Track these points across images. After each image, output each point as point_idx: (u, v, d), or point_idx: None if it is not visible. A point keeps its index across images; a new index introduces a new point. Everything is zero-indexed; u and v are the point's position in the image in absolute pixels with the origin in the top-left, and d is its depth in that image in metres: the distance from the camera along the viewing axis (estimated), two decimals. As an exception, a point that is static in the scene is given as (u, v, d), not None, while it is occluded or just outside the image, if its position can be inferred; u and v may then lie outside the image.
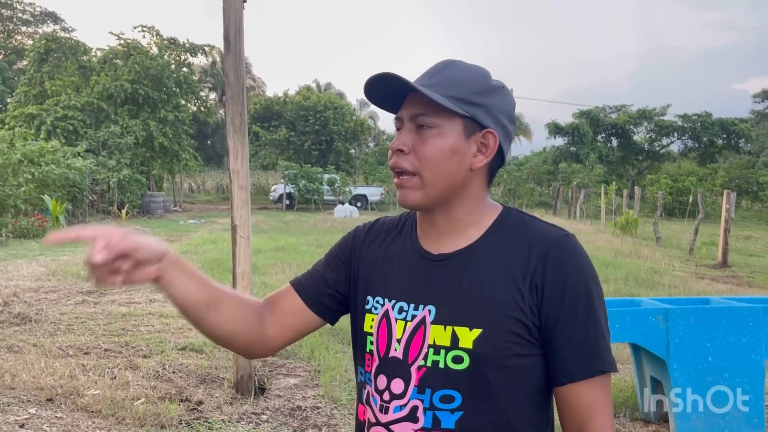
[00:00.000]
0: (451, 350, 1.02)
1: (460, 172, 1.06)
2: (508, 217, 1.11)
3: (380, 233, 1.21)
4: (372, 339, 1.11)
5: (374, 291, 1.14)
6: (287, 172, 28.12)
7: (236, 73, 4.38)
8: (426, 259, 1.10)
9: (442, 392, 1.02)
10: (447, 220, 1.10)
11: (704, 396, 3.57)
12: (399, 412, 1.05)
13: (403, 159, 1.06)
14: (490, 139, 1.07)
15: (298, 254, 11.34)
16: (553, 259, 1.02)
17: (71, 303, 7.07)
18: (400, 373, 1.06)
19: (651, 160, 37.01)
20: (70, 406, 3.95)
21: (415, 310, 1.07)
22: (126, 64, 24.37)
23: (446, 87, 1.04)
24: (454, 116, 1.04)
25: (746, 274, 11.12)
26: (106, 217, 20.09)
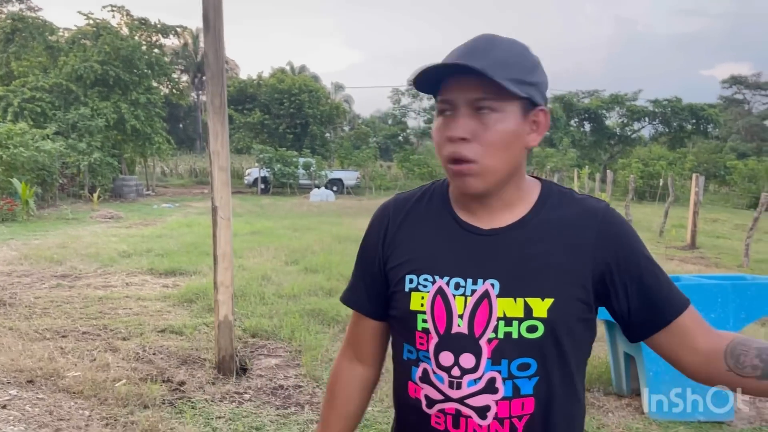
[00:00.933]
0: (525, 320, 1.05)
1: (519, 153, 1.08)
2: (551, 190, 1.15)
3: (407, 211, 1.20)
4: (425, 317, 1.10)
5: (417, 270, 1.13)
6: (262, 155, 27.90)
7: (216, 53, 4.35)
8: (476, 234, 1.11)
9: (519, 361, 1.06)
10: (499, 197, 1.11)
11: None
12: (474, 385, 1.07)
13: (465, 147, 1.04)
14: (541, 117, 1.09)
15: (275, 237, 11.33)
16: (609, 228, 1.10)
17: (45, 287, 6.99)
18: (469, 347, 1.07)
19: (623, 145, 37.57)
20: (51, 388, 3.94)
21: (474, 285, 1.08)
22: (95, 44, 23.82)
23: (503, 68, 1.01)
24: (514, 98, 1.03)
25: (714, 255, 11.43)
26: (77, 201, 19.74)
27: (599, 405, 3.97)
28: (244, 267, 8.17)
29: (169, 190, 30.12)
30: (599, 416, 3.79)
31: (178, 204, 20.95)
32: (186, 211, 17.98)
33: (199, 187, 32.50)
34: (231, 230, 4.48)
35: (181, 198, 24.31)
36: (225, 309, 4.42)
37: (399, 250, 1.17)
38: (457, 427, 1.09)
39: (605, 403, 4.00)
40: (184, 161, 41.83)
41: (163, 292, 6.88)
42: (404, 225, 1.18)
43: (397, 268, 1.16)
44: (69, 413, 3.58)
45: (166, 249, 9.69)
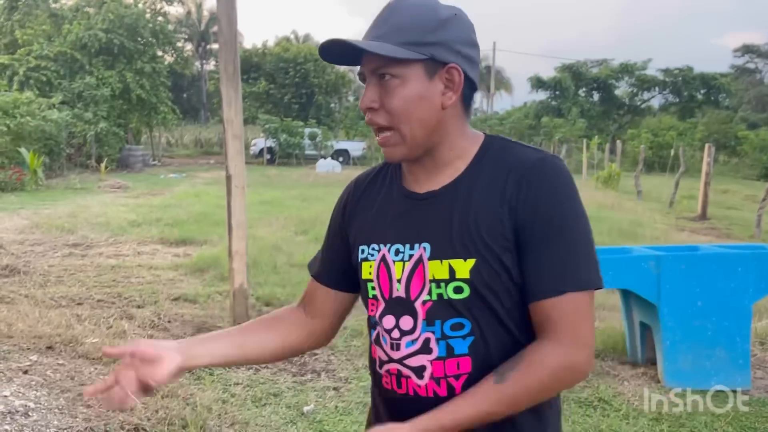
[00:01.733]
0: (451, 282, 1.05)
1: (433, 114, 1.06)
2: (492, 145, 1.12)
3: (363, 188, 1.24)
4: (373, 284, 1.15)
5: (367, 240, 1.17)
6: (268, 125, 27.74)
7: (228, 19, 4.28)
8: (414, 200, 1.13)
9: (451, 321, 1.06)
10: (431, 159, 1.11)
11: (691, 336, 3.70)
12: (411, 346, 1.09)
13: (376, 115, 1.07)
14: (454, 74, 1.06)
15: (284, 207, 11.33)
16: (527, 180, 1.03)
17: (58, 255, 7.03)
18: (407, 310, 1.10)
19: (632, 115, 37.18)
20: (70, 353, 3.97)
21: (411, 250, 1.10)
22: (99, 12, 23.55)
23: (396, 33, 1.03)
24: (413, 62, 1.03)
25: (725, 226, 11.38)
26: (84, 171, 19.76)
27: (614, 374, 3.98)
28: (255, 236, 8.17)
29: (175, 160, 30.09)
30: (615, 385, 3.80)
31: (184, 174, 20.95)
32: (193, 182, 17.98)
33: (204, 157, 32.44)
34: (245, 199, 4.47)
35: (188, 168, 24.30)
36: (240, 277, 4.44)
37: (355, 224, 1.21)
38: (400, 387, 1.12)
39: (620, 372, 4.01)
40: (189, 131, 41.68)
41: (174, 261, 6.91)
42: (361, 199, 1.22)
43: (354, 241, 1.20)
44: (90, 378, 3.61)
45: (176, 219, 9.71)
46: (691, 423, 3.32)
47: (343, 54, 1.08)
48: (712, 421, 3.34)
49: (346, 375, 3.89)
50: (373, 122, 1.08)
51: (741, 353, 3.71)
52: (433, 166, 1.12)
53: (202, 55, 51.38)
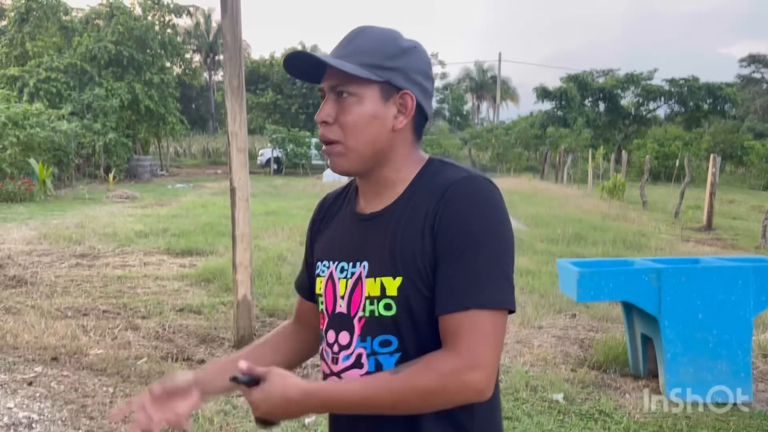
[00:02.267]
0: (381, 299, 1.09)
1: (383, 134, 1.11)
2: (429, 168, 1.15)
3: (328, 206, 1.29)
4: (322, 299, 1.21)
5: (321, 257, 1.24)
6: (275, 136, 27.91)
7: (233, 34, 4.35)
8: (360, 220, 1.18)
9: (380, 338, 1.10)
10: (377, 180, 1.16)
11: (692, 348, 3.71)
12: (347, 361, 1.13)
13: (328, 130, 1.12)
14: (407, 100, 1.11)
15: (290, 218, 11.37)
16: (447, 199, 1.06)
17: (65, 266, 7.09)
18: (346, 325, 1.14)
19: (638, 125, 37.09)
20: (75, 365, 4.01)
21: (353, 268, 1.15)
22: (109, 24, 23.83)
23: (358, 55, 1.08)
24: (370, 83, 1.09)
25: (730, 236, 11.34)
26: (93, 181, 19.92)
27: (616, 386, 3.99)
28: (260, 247, 8.22)
29: (182, 170, 30.29)
30: (616, 397, 3.80)
31: (192, 184, 21.07)
32: (200, 192, 18.08)
33: (212, 167, 32.62)
34: (249, 211, 4.51)
35: (195, 178, 24.44)
36: (244, 289, 4.47)
37: (319, 241, 1.27)
38: None
39: (622, 385, 4.01)
40: (197, 141, 41.95)
41: (180, 272, 6.95)
42: (325, 218, 1.28)
43: (315, 257, 1.27)
44: (94, 390, 3.65)
45: (182, 229, 9.77)
46: (692, 436, 3.32)
47: (306, 70, 1.14)
48: (713, 434, 3.34)
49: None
50: (325, 136, 1.13)
51: (743, 366, 3.71)
52: (380, 187, 1.16)
53: (211, 66, 51.75)
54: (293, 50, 1.13)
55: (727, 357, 3.71)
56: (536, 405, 3.64)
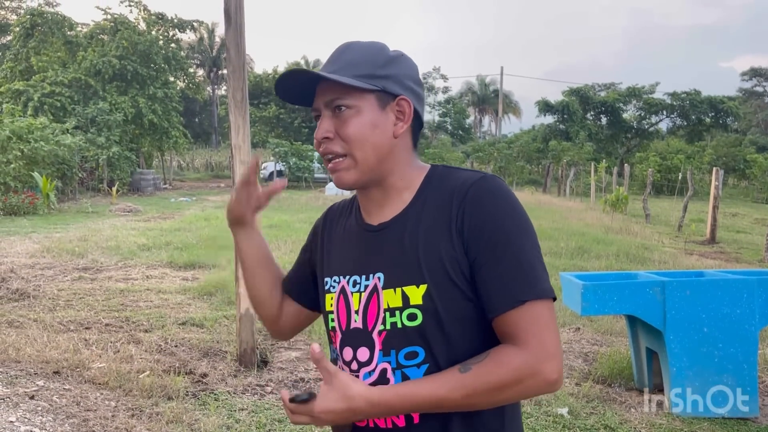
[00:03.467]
0: (405, 309, 1.07)
1: (386, 142, 1.12)
2: (435, 173, 1.16)
3: (334, 218, 1.28)
4: (333, 316, 1.17)
5: (330, 272, 1.21)
6: (278, 149, 28.01)
7: (237, 48, 4.37)
8: (369, 231, 1.17)
9: (406, 350, 1.08)
10: (381, 190, 1.16)
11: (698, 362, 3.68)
12: (369, 378, 1.10)
13: (331, 144, 1.11)
14: (404, 105, 1.13)
15: (292, 231, 11.36)
16: (470, 200, 1.07)
17: (68, 279, 7.09)
18: (364, 341, 1.11)
19: (640, 138, 37.16)
20: (77, 379, 4.00)
21: (366, 281, 1.13)
22: (113, 39, 24.03)
23: (350, 68, 1.10)
24: (365, 92, 1.10)
25: (734, 250, 11.30)
26: (96, 195, 19.97)
27: (621, 400, 3.95)
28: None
29: (185, 183, 30.35)
30: (621, 411, 3.77)
31: (195, 198, 21.11)
32: (203, 205, 18.11)
33: (215, 180, 32.69)
34: (252, 224, 4.50)
35: (198, 192, 24.49)
36: (246, 302, 4.45)
37: (324, 254, 1.25)
38: (360, 420, 1.11)
39: (627, 399, 3.98)
40: (200, 155, 42.09)
41: (183, 285, 6.95)
42: (330, 232, 1.27)
43: (321, 272, 1.25)
44: (95, 404, 3.63)
45: (185, 242, 9.77)
46: (699, 451, 3.28)
47: (298, 92, 1.15)
48: (720, 449, 3.30)
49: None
50: (329, 151, 1.12)
51: (748, 380, 3.68)
52: (383, 197, 1.16)
53: (214, 80, 52.08)
54: (284, 71, 1.12)
55: (732, 371, 3.68)
56: (541, 419, 3.61)
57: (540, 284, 1.04)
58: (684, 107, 35.20)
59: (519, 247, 1.04)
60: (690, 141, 35.61)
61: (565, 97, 36.74)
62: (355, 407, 1.02)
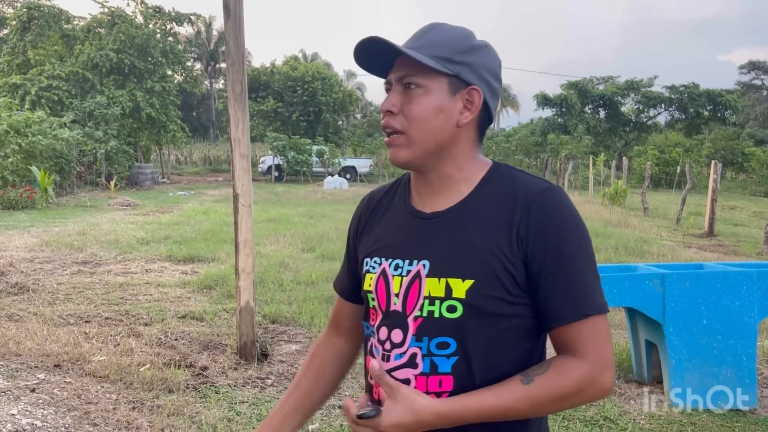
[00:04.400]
0: (446, 300, 1.08)
1: (447, 129, 1.11)
2: (497, 171, 1.16)
3: (376, 203, 1.27)
4: (372, 296, 1.18)
5: (371, 253, 1.21)
6: (276, 143, 27.93)
7: (236, 40, 4.35)
8: (419, 218, 1.16)
9: (438, 339, 1.09)
10: (438, 177, 1.15)
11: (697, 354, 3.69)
12: (400, 359, 1.12)
13: (393, 119, 1.11)
14: (474, 96, 1.11)
15: (291, 225, 11.38)
16: (536, 211, 1.07)
17: (67, 273, 7.08)
18: (399, 324, 1.13)
19: (638, 132, 37.16)
20: (77, 372, 4.00)
21: (409, 266, 1.13)
22: (110, 33, 23.94)
23: (430, 48, 1.08)
24: (439, 75, 1.08)
25: (732, 242, 11.33)
26: (94, 189, 19.93)
27: (620, 392, 3.97)
28: (262, 254, 8.22)
29: (183, 177, 30.31)
30: (621, 403, 3.79)
31: (193, 191, 21.09)
32: (201, 199, 18.10)
33: (213, 174, 32.66)
34: (252, 217, 4.51)
35: (196, 186, 24.46)
36: (246, 295, 4.46)
37: (366, 238, 1.25)
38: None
39: (626, 391, 4.00)
40: (198, 149, 42.03)
41: (182, 279, 6.95)
42: (373, 214, 1.26)
43: (361, 253, 1.25)
44: (96, 397, 3.64)
45: (184, 236, 9.77)
46: (698, 442, 3.30)
47: (375, 62, 1.14)
48: (719, 440, 3.32)
49: (351, 393, 3.89)
50: (388, 125, 1.12)
51: (747, 372, 3.70)
52: (440, 185, 1.15)
53: (212, 74, 51.92)
54: (364, 38, 1.09)
55: (732, 363, 3.69)
56: (540, 411, 3.62)
57: (600, 299, 1.09)
58: (682, 100, 35.19)
59: (583, 261, 1.08)
60: (688, 134, 35.63)
61: (563, 90, 36.71)
62: (422, 420, 1.04)
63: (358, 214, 1.30)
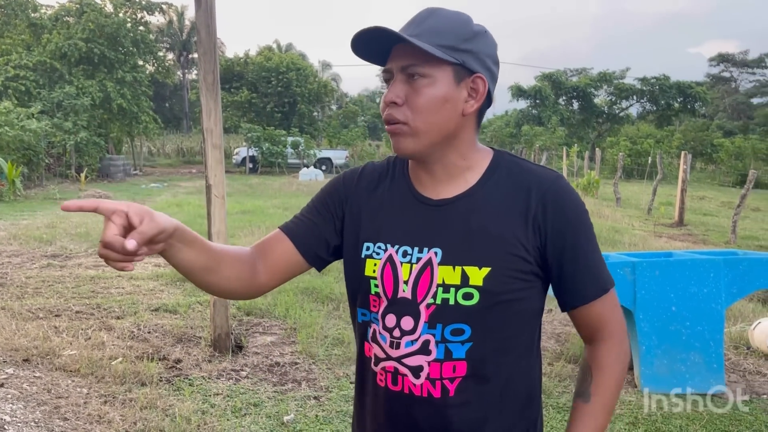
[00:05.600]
0: (462, 288, 1.08)
1: (453, 118, 1.10)
2: (502, 159, 1.17)
3: (371, 179, 1.24)
4: (376, 282, 1.16)
5: (373, 237, 1.18)
6: (250, 134, 27.66)
7: (208, 29, 4.28)
8: (426, 205, 1.15)
9: (452, 326, 1.10)
10: (442, 166, 1.14)
11: (666, 340, 3.76)
12: (411, 346, 1.12)
13: (397, 111, 1.08)
14: (479, 84, 1.10)
15: (266, 217, 11.30)
16: (552, 199, 1.10)
17: (36, 267, 6.95)
18: (410, 311, 1.12)
19: (611, 123, 37.63)
20: (47, 366, 3.93)
21: (419, 253, 1.12)
22: (79, 21, 23.42)
23: (434, 35, 1.05)
24: (444, 64, 1.06)
25: (701, 232, 11.55)
26: (64, 181, 19.55)
27: (592, 379, 4.02)
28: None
29: (156, 169, 29.88)
30: (593, 389, 3.84)
31: (166, 184, 20.81)
32: (175, 191, 17.87)
33: (186, 166, 32.25)
34: (225, 208, 4.46)
35: (170, 178, 24.14)
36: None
37: (360, 217, 1.21)
38: (396, 385, 1.14)
39: (598, 377, 4.05)
40: (171, 141, 41.44)
41: (155, 271, 6.86)
42: (367, 193, 1.22)
43: (355, 234, 1.21)
44: (67, 391, 3.58)
45: (157, 228, 9.62)
46: (667, 427, 3.37)
47: (373, 49, 1.10)
48: (687, 424, 3.39)
49: (326, 384, 3.90)
50: (392, 117, 1.09)
51: (715, 357, 3.78)
52: (444, 174, 1.15)
53: (184, 65, 51.19)
54: (365, 28, 1.05)
55: (700, 349, 3.77)
56: (514, 399, 3.66)
57: (610, 275, 1.18)
58: (653, 92, 35.71)
59: (593, 243, 1.14)
60: (659, 126, 36.18)
61: (537, 82, 36.98)
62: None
63: (345, 182, 1.25)
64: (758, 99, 49.93)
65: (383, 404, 1.17)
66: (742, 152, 30.09)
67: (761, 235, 11.26)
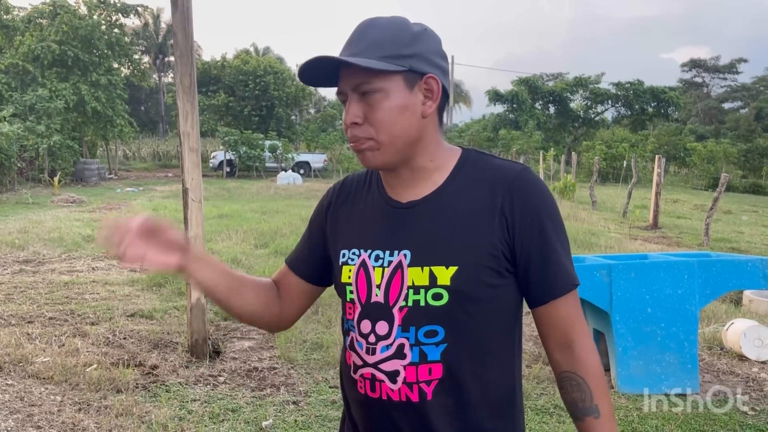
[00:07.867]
0: (431, 288, 1.08)
1: (414, 123, 1.10)
2: (468, 157, 1.17)
3: (350, 190, 1.26)
4: (351, 288, 1.16)
5: (348, 244, 1.19)
6: (227, 138, 27.44)
7: (184, 31, 4.25)
8: (396, 208, 1.16)
9: (425, 328, 1.09)
10: (410, 170, 1.15)
11: (642, 342, 3.81)
12: (386, 351, 1.11)
13: (359, 130, 1.09)
14: (432, 84, 1.10)
15: (243, 221, 11.22)
16: (518, 191, 1.09)
17: (8, 272, 6.81)
18: (383, 315, 1.11)
19: (586, 127, 38.06)
20: (20, 374, 3.86)
21: (390, 256, 1.12)
22: (52, 23, 23.05)
23: (375, 49, 1.06)
24: (393, 74, 1.07)
25: (675, 234, 11.73)
26: (37, 185, 19.21)
27: (570, 380, 4.06)
28: (214, 250, 8.08)
29: (132, 173, 29.49)
30: (570, 391, 3.87)
31: (142, 188, 20.55)
32: (151, 195, 17.66)
33: (162, 170, 31.88)
34: (202, 212, 4.43)
35: (145, 182, 23.85)
36: (197, 292, 4.38)
37: (338, 226, 1.24)
38: (374, 391, 1.13)
39: (576, 379, 4.08)
40: (147, 144, 40.94)
41: (130, 277, 6.77)
42: (346, 202, 1.24)
43: (335, 243, 1.23)
44: (40, 399, 3.51)
45: (132, 233, 9.49)
46: (643, 427, 3.41)
47: (320, 75, 1.12)
48: (663, 424, 3.44)
49: (305, 389, 3.87)
50: (357, 137, 1.10)
51: (689, 358, 3.84)
52: (411, 176, 1.15)
53: (160, 68, 50.68)
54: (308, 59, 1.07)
55: (675, 349, 3.83)
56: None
57: (575, 271, 1.15)
58: (628, 97, 36.20)
59: (561, 237, 1.12)
60: (634, 130, 36.69)
61: (514, 86, 37.29)
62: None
63: (329, 199, 1.28)
64: (729, 104, 51.00)
65: (365, 412, 1.17)
66: (714, 156, 30.68)
67: (733, 237, 11.47)
